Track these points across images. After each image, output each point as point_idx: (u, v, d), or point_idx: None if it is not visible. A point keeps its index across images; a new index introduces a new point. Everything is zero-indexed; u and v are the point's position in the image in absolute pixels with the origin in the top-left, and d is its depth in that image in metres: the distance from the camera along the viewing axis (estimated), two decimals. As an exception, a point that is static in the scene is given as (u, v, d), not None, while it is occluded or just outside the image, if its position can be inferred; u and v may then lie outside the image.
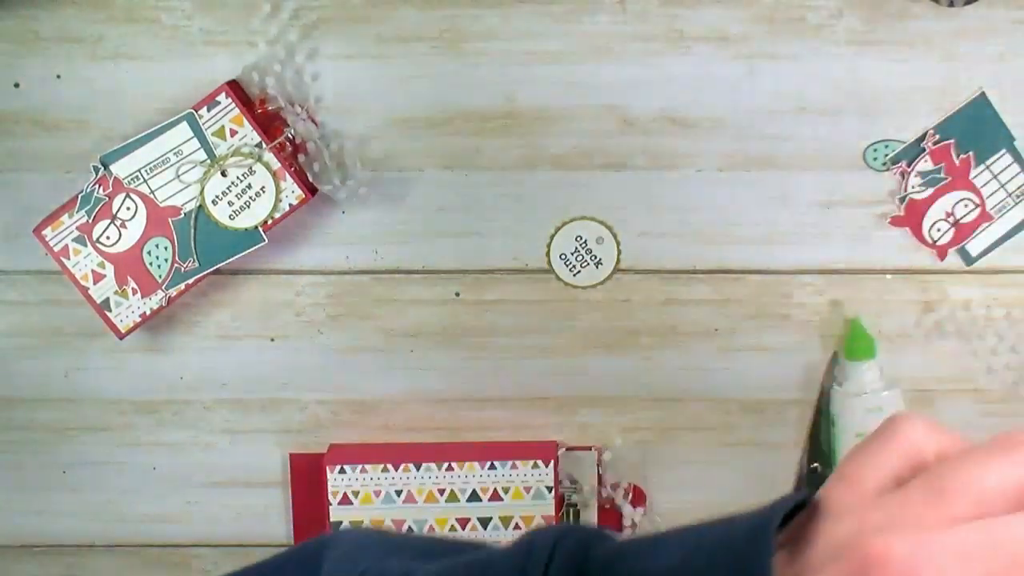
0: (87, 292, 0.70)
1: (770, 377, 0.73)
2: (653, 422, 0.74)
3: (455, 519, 0.71)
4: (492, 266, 0.72)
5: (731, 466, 0.74)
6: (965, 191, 0.70)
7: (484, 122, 0.70)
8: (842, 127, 0.70)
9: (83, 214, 0.69)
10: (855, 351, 0.70)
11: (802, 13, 0.68)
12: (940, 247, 0.71)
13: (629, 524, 0.74)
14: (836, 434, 0.71)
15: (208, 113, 0.68)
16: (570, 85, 0.69)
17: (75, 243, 0.69)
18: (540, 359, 0.73)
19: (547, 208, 0.71)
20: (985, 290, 0.71)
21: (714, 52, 0.69)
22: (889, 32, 0.68)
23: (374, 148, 0.70)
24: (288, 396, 0.74)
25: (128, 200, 0.69)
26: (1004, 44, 0.69)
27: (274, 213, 0.69)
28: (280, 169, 0.68)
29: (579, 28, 0.69)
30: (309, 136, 0.69)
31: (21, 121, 0.70)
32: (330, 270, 0.72)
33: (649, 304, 0.72)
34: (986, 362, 0.72)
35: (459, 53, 0.69)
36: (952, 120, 0.69)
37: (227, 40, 0.69)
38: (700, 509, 0.75)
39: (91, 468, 0.74)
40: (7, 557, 0.76)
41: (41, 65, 0.69)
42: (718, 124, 0.70)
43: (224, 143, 0.68)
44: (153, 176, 0.69)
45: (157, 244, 0.69)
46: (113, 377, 0.73)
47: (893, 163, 0.70)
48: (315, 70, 0.69)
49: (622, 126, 0.70)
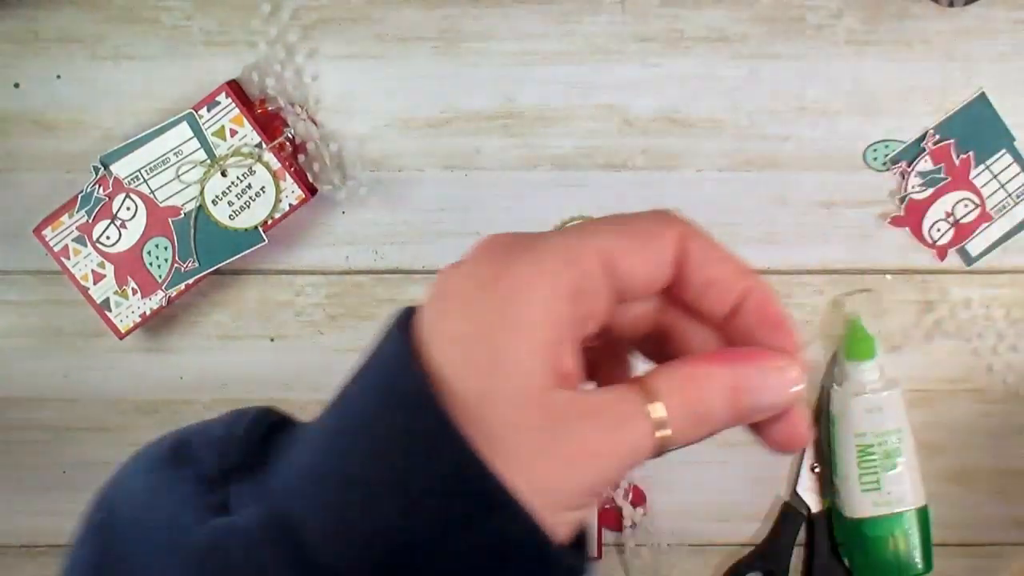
0: (87, 292, 0.70)
1: (770, 377, 0.73)
2: (653, 422, 0.74)
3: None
4: (492, 266, 0.72)
5: (731, 466, 0.74)
6: (965, 191, 0.70)
7: (484, 122, 0.70)
8: (842, 127, 0.70)
9: (83, 214, 0.69)
10: (855, 351, 0.70)
11: (802, 13, 0.68)
12: (940, 247, 0.71)
13: (629, 524, 0.74)
14: (836, 434, 0.71)
15: (208, 113, 0.68)
16: (570, 85, 0.69)
17: (75, 243, 0.69)
18: (540, 359, 0.73)
19: (547, 208, 0.71)
20: (985, 290, 0.72)
21: (714, 52, 0.69)
22: (889, 32, 0.68)
23: (374, 148, 0.70)
24: (288, 396, 0.74)
25: (128, 200, 0.69)
26: (1004, 44, 0.69)
27: (274, 213, 0.69)
28: (280, 169, 0.68)
29: (579, 28, 0.69)
30: (309, 136, 0.69)
31: (21, 121, 0.70)
32: (330, 270, 0.72)
33: (649, 304, 0.72)
34: (986, 362, 0.72)
35: (459, 53, 0.69)
36: (952, 120, 0.69)
37: (227, 40, 0.69)
38: (700, 509, 0.75)
39: (91, 468, 0.74)
40: (7, 557, 0.76)
41: (41, 65, 0.69)
42: (718, 124, 0.70)
43: (224, 143, 0.68)
44: (153, 176, 0.69)
45: (157, 244, 0.69)
46: (113, 377, 0.73)
47: (893, 163, 0.70)
48: (315, 70, 0.69)
49: (622, 126, 0.70)
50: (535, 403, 0.27)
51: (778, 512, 0.74)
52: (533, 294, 0.29)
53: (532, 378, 0.28)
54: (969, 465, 0.74)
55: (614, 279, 0.31)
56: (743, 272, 0.33)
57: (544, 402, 0.28)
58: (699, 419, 0.30)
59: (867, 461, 0.69)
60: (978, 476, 0.74)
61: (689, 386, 0.30)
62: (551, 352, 0.28)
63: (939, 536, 0.72)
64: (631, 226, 0.31)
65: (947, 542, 0.74)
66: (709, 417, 0.30)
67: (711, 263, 0.32)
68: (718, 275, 0.32)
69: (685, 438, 0.30)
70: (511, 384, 0.27)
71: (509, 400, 0.27)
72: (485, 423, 0.27)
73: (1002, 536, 0.75)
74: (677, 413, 0.30)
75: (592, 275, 0.30)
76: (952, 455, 0.74)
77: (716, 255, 0.32)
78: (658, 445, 0.29)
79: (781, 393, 0.32)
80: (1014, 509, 0.74)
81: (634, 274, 0.31)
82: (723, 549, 0.75)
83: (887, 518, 0.70)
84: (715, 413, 0.30)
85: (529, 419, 0.27)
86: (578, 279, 0.30)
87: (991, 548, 0.75)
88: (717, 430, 0.31)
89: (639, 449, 0.29)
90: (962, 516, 0.74)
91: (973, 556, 0.75)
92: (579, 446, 0.27)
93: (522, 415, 0.27)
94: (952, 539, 0.74)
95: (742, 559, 0.75)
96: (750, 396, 0.31)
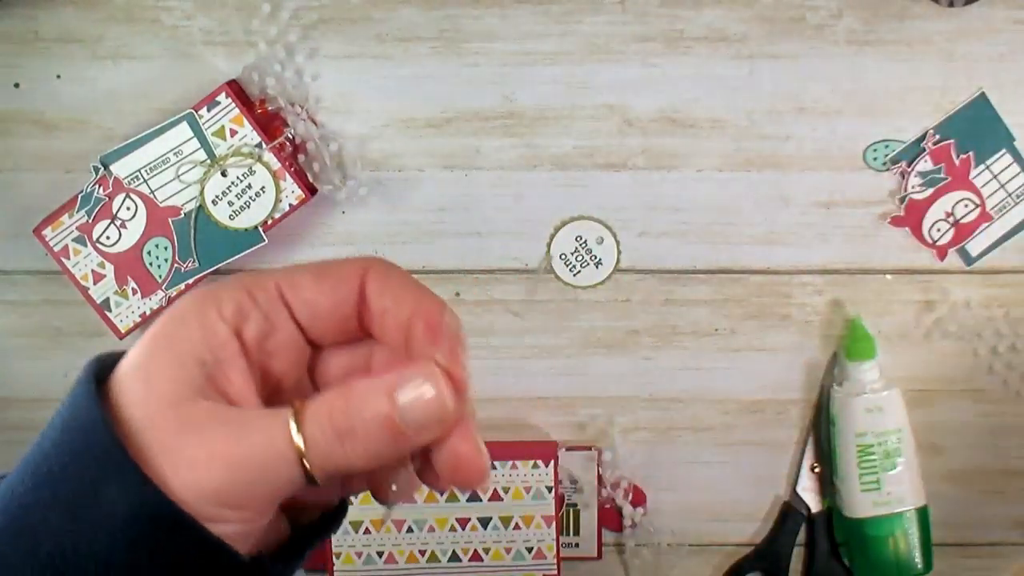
0: (87, 292, 0.70)
1: (770, 377, 0.73)
2: (653, 422, 0.74)
3: (455, 519, 0.71)
4: (492, 266, 0.72)
5: (731, 466, 0.74)
6: (965, 191, 0.70)
7: (484, 122, 0.70)
8: (842, 127, 0.70)
9: (83, 214, 0.69)
10: (855, 351, 0.70)
11: (802, 13, 0.68)
12: (940, 247, 0.71)
13: (629, 524, 0.74)
14: (836, 434, 0.71)
15: (208, 113, 0.68)
16: (570, 85, 0.69)
17: (75, 243, 0.69)
18: (540, 359, 0.73)
19: (547, 208, 0.71)
20: (985, 290, 0.72)
21: (714, 52, 0.69)
22: (889, 32, 0.68)
23: (374, 148, 0.70)
24: (288, 396, 0.74)
25: (128, 200, 0.69)
26: (1004, 44, 0.69)
27: (274, 213, 0.69)
28: (280, 169, 0.68)
29: (579, 28, 0.69)
30: (309, 136, 0.69)
31: (21, 121, 0.70)
32: (330, 270, 0.72)
33: (649, 304, 0.72)
34: (986, 362, 0.72)
35: (459, 53, 0.69)
36: (952, 120, 0.69)
37: (227, 40, 0.69)
38: (700, 509, 0.75)
39: (91, 468, 0.74)
40: (7, 557, 0.76)
41: (41, 65, 0.69)
42: (718, 124, 0.70)
43: (224, 143, 0.68)
44: (153, 176, 0.69)
45: (157, 244, 0.69)
46: (113, 377, 0.73)
47: (893, 163, 0.70)
48: (315, 70, 0.69)
49: (622, 126, 0.70)
50: (173, 410, 0.30)
51: (778, 512, 0.74)
52: (191, 316, 0.32)
53: (175, 387, 0.30)
54: (969, 465, 0.74)
55: (297, 306, 0.33)
56: (417, 296, 0.34)
57: (182, 410, 0.30)
58: (343, 432, 0.31)
59: (867, 461, 0.70)
60: (978, 476, 0.74)
61: (334, 398, 0.31)
62: (199, 368, 0.31)
63: (939, 536, 0.72)
64: (321, 265, 0.34)
65: (947, 542, 0.74)
66: (352, 431, 0.31)
67: (388, 290, 0.33)
68: (392, 300, 0.34)
69: (331, 453, 0.31)
70: (155, 394, 0.30)
71: (153, 408, 0.30)
72: (137, 432, 0.30)
73: (1002, 536, 0.75)
74: (319, 426, 0.31)
75: (265, 301, 0.33)
76: (952, 455, 0.74)
77: (394, 283, 0.34)
78: (300, 456, 0.30)
79: (420, 398, 0.31)
80: (1014, 509, 0.74)
81: (317, 302, 0.33)
82: (723, 549, 0.75)
83: (887, 518, 0.70)
84: (359, 426, 0.31)
85: (166, 423, 0.30)
86: (243, 303, 0.32)
87: (991, 548, 0.75)
88: (372, 449, 0.31)
89: (271, 457, 0.30)
90: (962, 516, 0.74)
91: (973, 556, 0.75)
92: (207, 448, 0.30)
93: (161, 420, 0.30)
94: (952, 539, 0.74)
95: (742, 559, 0.75)
96: (388, 403, 0.31)
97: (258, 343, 0.33)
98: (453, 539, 0.72)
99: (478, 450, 0.32)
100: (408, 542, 0.72)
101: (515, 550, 0.72)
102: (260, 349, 0.33)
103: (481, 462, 0.32)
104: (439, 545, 0.72)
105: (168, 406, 0.30)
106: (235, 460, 0.30)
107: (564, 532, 0.73)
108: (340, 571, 0.72)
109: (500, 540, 0.72)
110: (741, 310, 0.72)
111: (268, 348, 0.34)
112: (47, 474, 0.31)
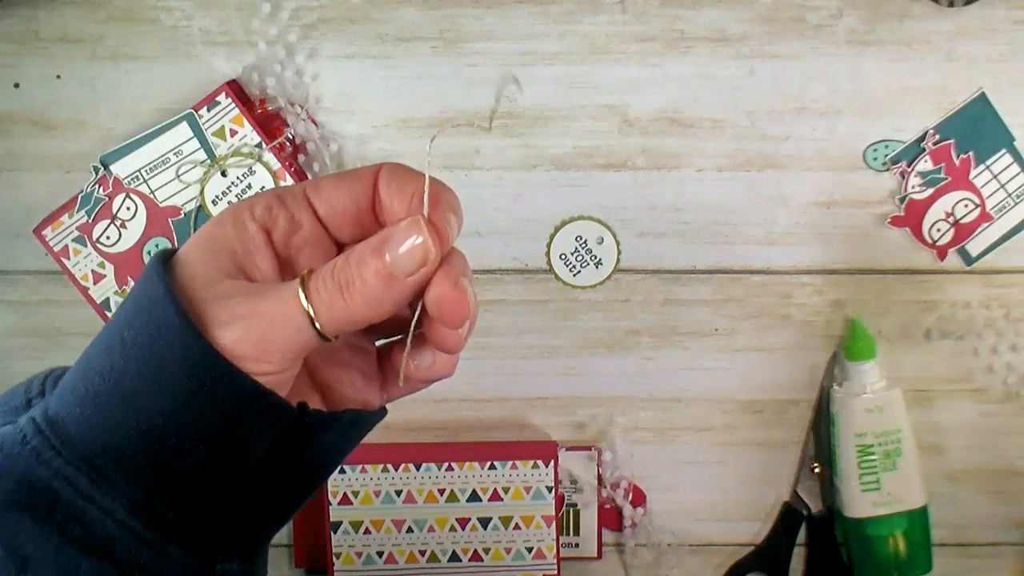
0: (87, 292, 0.70)
1: (770, 377, 0.73)
2: (653, 422, 0.74)
3: (455, 519, 0.71)
4: (492, 266, 0.72)
5: (731, 466, 0.74)
6: (965, 191, 0.70)
7: (484, 122, 0.70)
8: (842, 127, 0.70)
9: (83, 214, 0.69)
10: (855, 351, 0.70)
11: (802, 13, 0.68)
12: (940, 247, 0.71)
13: (629, 524, 0.74)
14: (836, 434, 0.71)
15: (208, 113, 0.68)
16: (570, 85, 0.69)
17: (75, 243, 0.69)
18: (540, 359, 0.73)
19: (547, 208, 0.71)
20: (985, 290, 0.72)
21: (714, 52, 0.69)
22: (889, 32, 0.68)
23: (374, 148, 0.70)
24: (288, 396, 0.74)
25: (128, 200, 0.69)
26: (1004, 44, 0.69)
27: (274, 213, 0.68)
28: (280, 169, 0.68)
29: (579, 28, 0.69)
30: (309, 136, 0.69)
31: (21, 121, 0.70)
32: (330, 270, 0.72)
33: (649, 304, 0.72)
34: (986, 362, 0.72)
35: (459, 53, 0.69)
36: (952, 120, 0.69)
37: (227, 40, 0.69)
38: (700, 509, 0.75)
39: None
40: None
41: (41, 65, 0.69)
42: (718, 124, 0.70)
43: (224, 143, 0.68)
44: (153, 176, 0.69)
45: (157, 244, 0.69)
46: (113, 377, 0.73)
47: (893, 163, 0.70)
48: (315, 70, 0.69)
49: (622, 126, 0.70)
50: (206, 289, 0.36)
51: (778, 512, 0.74)
52: (228, 217, 0.38)
53: (208, 271, 0.36)
54: (969, 465, 0.74)
55: (319, 204, 0.38)
56: (420, 179, 0.38)
57: (212, 288, 0.36)
58: (343, 284, 0.35)
59: (867, 461, 0.70)
60: (978, 476, 0.74)
61: (336, 259, 0.36)
62: (229, 256, 0.37)
63: (939, 536, 0.72)
64: (343, 171, 0.40)
65: (947, 542, 0.74)
66: (351, 283, 0.35)
67: (395, 179, 0.38)
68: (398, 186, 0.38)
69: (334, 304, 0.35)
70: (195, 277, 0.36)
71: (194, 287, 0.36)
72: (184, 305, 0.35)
73: (1002, 536, 0.75)
74: (322, 282, 0.36)
75: (292, 202, 0.38)
76: (952, 455, 0.74)
77: (401, 173, 0.38)
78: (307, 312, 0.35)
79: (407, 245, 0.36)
80: (1014, 509, 0.74)
81: (336, 199, 0.38)
82: (723, 549, 0.75)
83: (887, 518, 0.70)
84: (356, 277, 0.36)
85: (201, 298, 0.35)
86: (272, 204, 0.38)
87: (991, 548, 0.75)
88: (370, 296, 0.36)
89: (282, 310, 0.35)
90: (962, 516, 0.74)
91: (973, 556, 0.75)
92: (229, 311, 0.35)
93: (197, 296, 0.35)
94: (952, 539, 0.74)
95: (742, 559, 0.75)
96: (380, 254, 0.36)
97: (285, 238, 0.38)
98: (453, 539, 0.72)
99: (461, 289, 0.37)
100: (408, 542, 0.72)
101: (515, 550, 0.72)
102: (287, 244, 0.38)
103: (463, 299, 0.37)
104: (439, 545, 0.72)
105: (202, 286, 0.36)
106: (251, 317, 0.35)
107: (564, 532, 0.73)
108: (340, 571, 0.72)
109: (500, 540, 0.72)
110: (741, 310, 0.72)
111: (295, 243, 0.38)
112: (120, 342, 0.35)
